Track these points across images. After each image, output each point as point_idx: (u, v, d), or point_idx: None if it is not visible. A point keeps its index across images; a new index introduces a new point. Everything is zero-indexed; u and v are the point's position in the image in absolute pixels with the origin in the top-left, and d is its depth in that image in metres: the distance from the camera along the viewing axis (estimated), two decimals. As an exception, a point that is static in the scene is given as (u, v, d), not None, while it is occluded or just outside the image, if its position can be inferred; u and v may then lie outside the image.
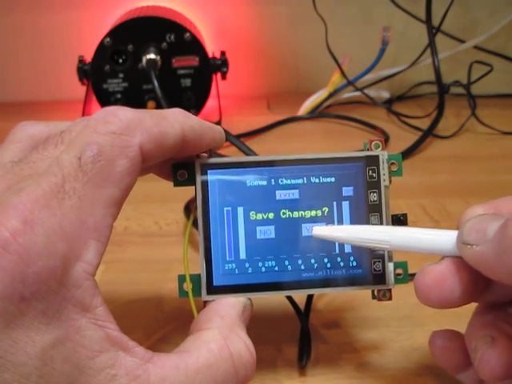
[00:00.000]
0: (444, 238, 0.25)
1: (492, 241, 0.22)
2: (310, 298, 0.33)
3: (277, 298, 0.29)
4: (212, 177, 0.28)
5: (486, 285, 0.25)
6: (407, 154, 0.58)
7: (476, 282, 0.24)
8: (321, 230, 0.27)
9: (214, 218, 0.28)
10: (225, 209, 0.28)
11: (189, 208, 0.46)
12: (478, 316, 0.27)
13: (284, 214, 0.28)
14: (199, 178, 0.28)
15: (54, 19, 0.73)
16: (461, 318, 0.27)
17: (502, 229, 0.22)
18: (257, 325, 0.28)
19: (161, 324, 0.34)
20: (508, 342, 0.24)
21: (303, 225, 0.28)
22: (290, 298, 0.32)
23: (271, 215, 0.28)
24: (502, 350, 0.24)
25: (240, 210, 0.28)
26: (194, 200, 0.28)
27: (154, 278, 0.39)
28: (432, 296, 0.25)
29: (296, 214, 0.28)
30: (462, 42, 0.72)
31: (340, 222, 0.28)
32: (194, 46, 0.63)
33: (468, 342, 0.26)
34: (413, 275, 0.26)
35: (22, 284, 0.20)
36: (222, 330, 0.25)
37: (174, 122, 0.25)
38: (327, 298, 0.36)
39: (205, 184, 0.28)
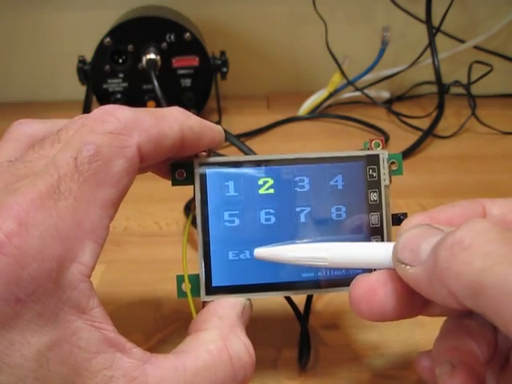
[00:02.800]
0: (381, 252, 0.24)
1: (424, 264, 0.21)
2: (309, 298, 0.33)
3: (276, 299, 0.28)
4: (211, 176, 0.28)
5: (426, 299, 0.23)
6: (407, 153, 0.58)
7: (413, 295, 0.23)
8: (261, 252, 0.26)
9: (212, 218, 0.28)
10: (223, 208, 0.28)
11: (189, 208, 0.46)
12: (442, 336, 0.26)
13: (284, 213, 0.28)
14: (198, 178, 0.28)
15: (53, 19, 0.73)
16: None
17: (435, 252, 0.21)
18: (256, 326, 0.28)
19: (160, 324, 0.34)
20: (467, 373, 0.23)
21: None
22: (289, 300, 0.32)
23: (271, 215, 0.28)
24: (461, 381, 0.23)
25: (239, 209, 0.28)
26: (193, 200, 0.28)
27: (153, 277, 0.39)
28: (362, 308, 0.23)
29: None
30: (462, 42, 0.72)
31: (340, 222, 0.28)
32: (194, 45, 0.63)
33: (434, 364, 0.25)
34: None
35: (18, 286, 0.20)
36: (220, 331, 0.25)
37: (173, 122, 0.25)
38: (326, 298, 0.36)
39: (203, 183, 0.28)
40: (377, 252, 0.24)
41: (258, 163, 0.28)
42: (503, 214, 0.25)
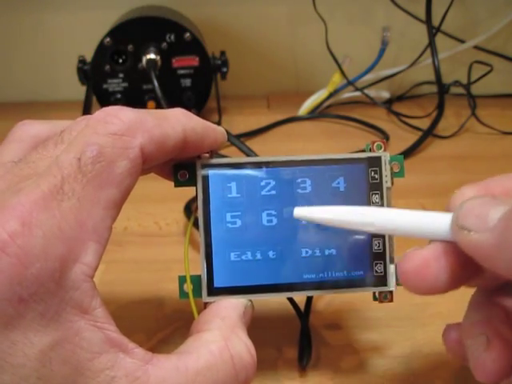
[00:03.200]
0: (434, 220, 0.23)
1: (493, 230, 0.20)
2: (309, 298, 0.33)
3: (277, 299, 0.28)
4: (213, 177, 0.28)
5: (476, 270, 0.23)
6: (407, 153, 0.58)
7: (465, 268, 0.23)
8: (302, 211, 0.25)
9: (214, 219, 0.28)
10: (226, 209, 0.28)
11: (189, 208, 0.46)
12: (474, 309, 0.26)
13: (286, 214, 0.28)
14: (200, 179, 0.28)
15: (53, 19, 0.73)
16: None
17: (507, 218, 0.20)
18: (257, 326, 0.28)
19: (161, 325, 0.34)
20: (503, 345, 0.23)
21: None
22: (290, 299, 0.32)
23: (273, 216, 0.28)
24: (497, 355, 0.23)
25: (241, 210, 0.28)
26: (194, 200, 0.28)
27: (154, 278, 0.39)
28: (415, 282, 0.23)
29: None
30: (462, 42, 0.72)
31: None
32: (194, 45, 0.63)
33: (463, 337, 0.25)
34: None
35: (20, 286, 0.20)
36: (222, 332, 0.25)
37: (175, 123, 0.25)
38: (327, 298, 0.36)
39: (206, 184, 0.28)
40: (430, 220, 0.23)
41: (260, 165, 0.28)
42: None
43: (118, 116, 0.23)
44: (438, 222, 0.23)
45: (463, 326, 0.26)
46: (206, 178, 0.28)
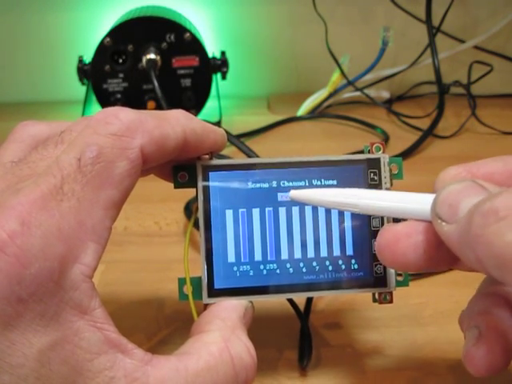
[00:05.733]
0: (417, 201, 0.23)
1: (459, 223, 0.20)
2: (309, 299, 0.33)
3: (277, 300, 0.28)
4: (213, 179, 0.28)
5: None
6: (407, 154, 0.58)
7: (444, 249, 0.22)
8: (297, 193, 0.26)
9: (215, 220, 0.27)
10: (226, 211, 0.28)
11: (189, 208, 0.46)
12: (475, 299, 0.26)
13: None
14: (201, 180, 0.28)
15: (53, 19, 0.73)
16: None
17: (470, 215, 0.20)
18: (257, 326, 0.28)
19: (161, 325, 0.34)
20: (495, 339, 0.23)
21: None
22: (290, 300, 0.32)
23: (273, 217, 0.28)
24: (486, 349, 0.23)
25: (241, 212, 0.28)
26: (194, 200, 0.28)
27: (154, 278, 0.39)
28: (385, 256, 0.23)
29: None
30: (462, 42, 0.72)
31: (342, 224, 0.28)
32: (194, 45, 0.63)
33: (461, 323, 0.26)
34: (416, 275, 0.25)
35: (20, 286, 0.20)
36: (222, 333, 0.25)
37: (175, 124, 0.25)
38: (327, 298, 0.36)
39: (206, 186, 0.27)
40: (412, 201, 0.24)
41: (259, 166, 0.28)
42: None
43: (118, 116, 0.23)
44: (421, 203, 0.23)
45: (462, 316, 0.26)
46: (206, 180, 0.28)
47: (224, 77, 0.66)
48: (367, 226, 0.28)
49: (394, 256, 0.23)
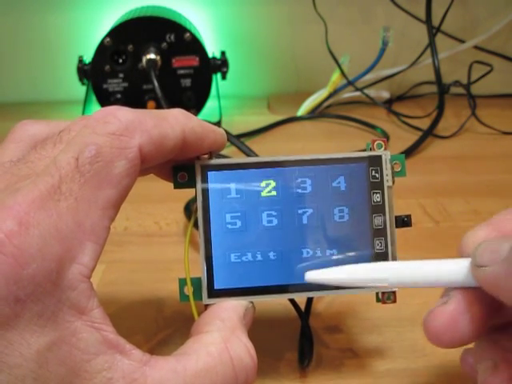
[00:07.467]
0: (449, 268, 0.24)
1: (504, 260, 0.21)
2: (309, 299, 0.33)
3: (278, 300, 0.28)
4: (212, 178, 0.27)
5: (497, 311, 0.24)
6: (407, 153, 0.58)
7: (488, 314, 0.23)
8: (314, 274, 0.25)
9: (214, 220, 0.27)
10: (225, 211, 0.28)
11: (189, 208, 0.46)
12: (486, 334, 0.25)
13: (286, 214, 0.28)
14: (199, 180, 0.27)
15: (53, 19, 0.73)
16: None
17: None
18: (257, 326, 0.28)
19: (161, 325, 0.34)
20: (510, 370, 0.23)
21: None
22: (291, 299, 0.32)
23: (273, 217, 0.28)
24: (503, 378, 0.23)
25: (241, 211, 0.28)
26: (194, 200, 0.28)
27: (154, 278, 0.39)
28: (445, 339, 0.23)
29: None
30: (462, 42, 0.72)
31: (343, 224, 0.28)
32: (194, 45, 0.63)
33: (475, 362, 0.25)
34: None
35: (17, 286, 0.20)
36: (222, 333, 0.25)
37: (174, 123, 0.24)
38: (327, 299, 0.36)
39: (205, 186, 0.27)
40: (443, 269, 0.24)
41: (259, 165, 0.28)
42: None
43: (117, 116, 0.23)
44: (453, 269, 0.24)
45: (475, 348, 0.26)
46: (205, 180, 0.27)
47: (224, 77, 0.66)
48: (369, 225, 0.28)
49: (454, 337, 0.23)
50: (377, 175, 0.28)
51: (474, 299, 0.23)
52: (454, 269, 0.24)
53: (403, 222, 0.28)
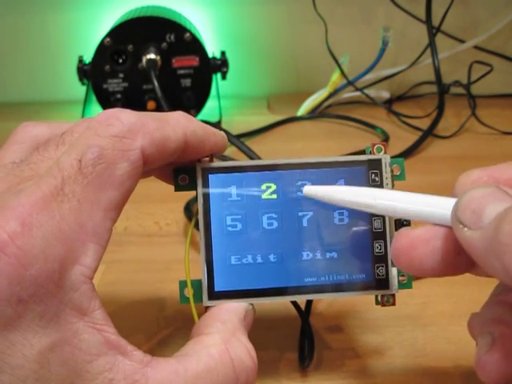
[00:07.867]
0: (436, 205, 0.23)
1: (484, 230, 0.20)
2: (309, 300, 0.33)
3: (278, 301, 0.28)
4: (213, 181, 0.28)
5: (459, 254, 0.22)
6: (407, 153, 0.58)
7: (461, 255, 0.22)
8: (310, 189, 0.26)
9: (215, 223, 0.27)
10: (226, 213, 0.28)
11: (189, 208, 0.46)
12: (489, 304, 0.25)
13: (286, 217, 0.28)
14: (200, 183, 0.27)
15: (53, 19, 0.73)
16: (464, 319, 0.27)
17: (498, 221, 0.19)
18: (258, 327, 0.28)
19: (161, 326, 0.34)
20: (509, 346, 0.22)
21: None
22: (293, 302, 0.32)
23: (274, 219, 0.28)
24: (499, 358, 0.22)
25: (242, 214, 0.28)
26: (194, 200, 0.28)
27: (154, 278, 0.39)
28: (400, 262, 0.23)
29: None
30: (462, 42, 0.72)
31: (343, 227, 0.28)
32: (194, 45, 0.63)
33: (474, 333, 0.24)
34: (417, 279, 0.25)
35: (20, 286, 0.20)
36: (223, 335, 0.25)
37: (176, 126, 0.25)
38: (328, 299, 0.36)
39: (206, 189, 0.27)
40: (430, 204, 0.23)
41: (260, 168, 0.28)
42: None
43: (119, 118, 0.23)
44: (439, 206, 0.23)
45: (475, 321, 0.25)
46: (206, 182, 0.27)
47: (224, 77, 0.66)
48: (369, 228, 0.28)
49: (410, 262, 0.22)
50: (376, 178, 0.28)
51: (447, 236, 0.22)
52: (440, 206, 0.23)
53: (403, 225, 0.28)
